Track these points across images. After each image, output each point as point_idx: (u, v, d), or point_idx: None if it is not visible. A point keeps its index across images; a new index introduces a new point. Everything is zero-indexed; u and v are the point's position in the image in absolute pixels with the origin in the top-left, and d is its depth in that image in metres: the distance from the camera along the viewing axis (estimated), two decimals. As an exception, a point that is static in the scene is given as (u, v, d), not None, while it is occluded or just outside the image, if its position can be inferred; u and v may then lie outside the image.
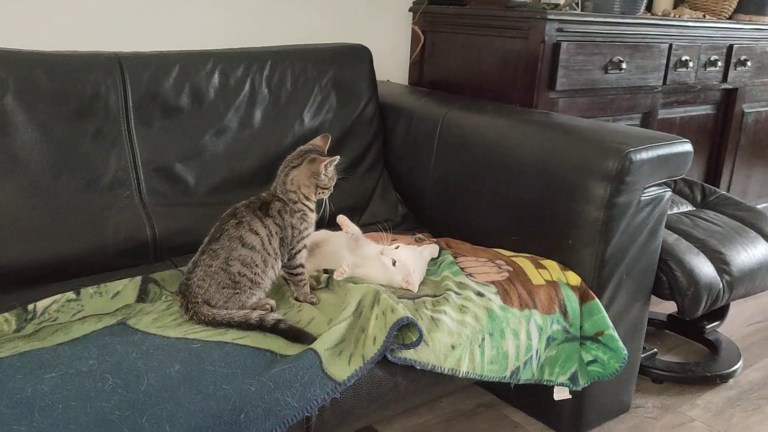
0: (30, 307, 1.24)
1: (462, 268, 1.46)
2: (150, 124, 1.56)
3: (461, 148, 1.74)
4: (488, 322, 1.29)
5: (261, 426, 0.98)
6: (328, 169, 1.33)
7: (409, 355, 1.16)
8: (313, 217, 1.36)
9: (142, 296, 1.33)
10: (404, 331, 1.18)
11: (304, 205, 1.33)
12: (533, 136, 1.59)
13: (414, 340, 1.17)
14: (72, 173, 1.45)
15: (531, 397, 1.70)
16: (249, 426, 0.97)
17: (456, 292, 1.34)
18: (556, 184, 1.50)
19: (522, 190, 1.58)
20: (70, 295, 1.28)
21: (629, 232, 1.48)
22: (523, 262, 1.49)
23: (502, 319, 1.31)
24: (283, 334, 1.15)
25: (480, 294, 1.35)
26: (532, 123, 1.64)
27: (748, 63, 2.52)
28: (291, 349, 1.13)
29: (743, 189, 2.81)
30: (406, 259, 1.39)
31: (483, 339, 1.27)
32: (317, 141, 1.41)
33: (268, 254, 1.26)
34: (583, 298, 1.46)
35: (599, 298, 1.47)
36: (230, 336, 1.14)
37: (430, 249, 1.52)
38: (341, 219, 1.48)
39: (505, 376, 1.31)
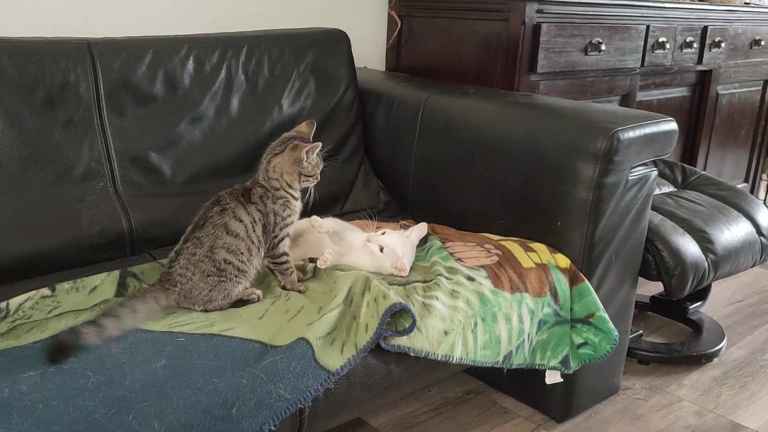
0: (2, 304, 1.18)
1: (451, 253, 1.43)
2: (123, 112, 1.50)
3: (444, 133, 1.71)
4: (480, 306, 1.27)
5: (253, 419, 0.94)
6: (311, 156, 1.29)
7: (402, 342, 1.14)
8: (297, 205, 1.32)
9: (121, 290, 1.28)
10: (397, 318, 1.15)
11: (287, 192, 1.29)
12: (519, 118, 1.56)
13: (407, 326, 1.14)
14: (42, 165, 1.39)
15: (520, 382, 1.69)
16: (241, 420, 0.93)
17: (447, 277, 1.32)
18: (543, 165, 1.48)
19: (509, 173, 1.56)
20: (45, 291, 1.22)
21: (617, 213, 1.47)
22: (512, 245, 1.46)
23: (494, 303, 1.29)
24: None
25: (471, 278, 1.32)
26: (517, 105, 1.61)
27: (722, 45, 2.54)
28: (280, 339, 1.09)
29: (718, 170, 2.84)
30: (393, 244, 1.36)
31: (476, 324, 1.25)
32: (302, 128, 1.37)
33: (252, 242, 1.22)
34: (573, 281, 1.45)
35: (589, 280, 1.45)
36: (217, 328, 1.09)
37: (418, 230, 1.48)
38: (313, 220, 1.38)
39: (498, 362, 1.29)
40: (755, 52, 2.75)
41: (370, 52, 2.24)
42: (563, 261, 1.45)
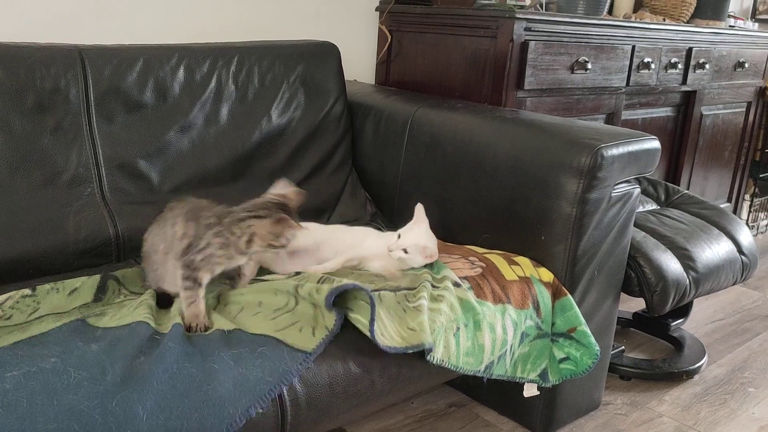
0: (-17, 305, 1.18)
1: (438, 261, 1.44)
2: (112, 119, 1.51)
3: (432, 146, 1.73)
4: (462, 312, 1.28)
5: (237, 403, 0.97)
6: (291, 237, 1.22)
7: (396, 343, 1.14)
8: (239, 260, 1.22)
9: (100, 295, 1.28)
10: (360, 311, 1.16)
11: (238, 247, 1.20)
12: (505, 133, 1.59)
13: (370, 315, 1.14)
14: (30, 169, 1.39)
15: (502, 395, 1.70)
16: (224, 403, 0.97)
17: (433, 285, 1.33)
18: (528, 180, 1.50)
19: (494, 187, 1.57)
20: (26, 291, 1.21)
21: (601, 228, 1.49)
22: (496, 258, 1.48)
23: (478, 310, 1.30)
24: None
25: (457, 285, 1.33)
26: (504, 120, 1.63)
27: (707, 66, 2.59)
28: (230, 324, 1.12)
29: (701, 189, 2.88)
30: (413, 240, 1.39)
31: (458, 329, 1.25)
32: (291, 194, 1.28)
33: (171, 251, 1.20)
34: (556, 295, 1.46)
35: (571, 295, 1.47)
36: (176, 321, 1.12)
37: (419, 211, 1.47)
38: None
39: (479, 370, 1.30)
40: (739, 74, 2.80)
41: (359, 65, 2.27)
42: (546, 275, 1.47)
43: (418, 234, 1.41)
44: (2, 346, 1.05)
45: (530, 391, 1.48)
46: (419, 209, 1.47)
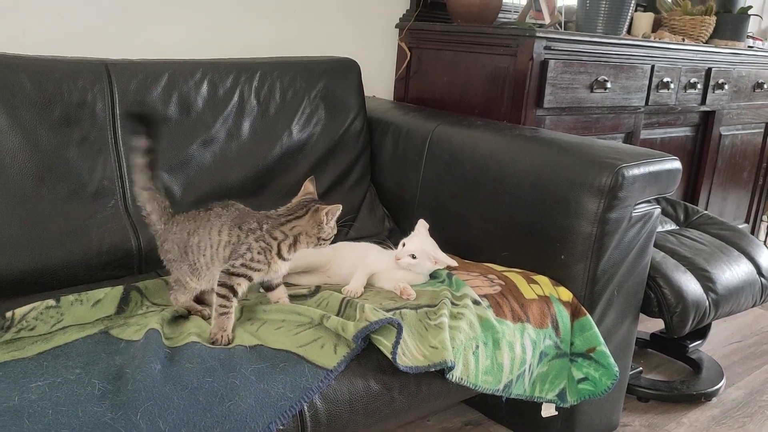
0: (8, 314, 1.19)
1: (455, 279, 1.44)
2: (137, 132, 1.53)
3: (451, 163, 1.73)
4: (482, 330, 1.27)
5: (258, 418, 0.97)
6: (331, 220, 1.25)
7: (418, 362, 1.14)
8: (279, 266, 1.24)
9: (122, 306, 1.29)
10: (384, 334, 1.16)
11: (279, 251, 1.23)
12: (525, 151, 1.59)
13: (394, 339, 1.14)
14: (55, 181, 1.41)
15: (518, 414, 1.69)
16: (245, 418, 0.97)
17: (453, 302, 1.33)
18: (548, 199, 1.50)
19: (514, 205, 1.58)
20: (50, 302, 1.23)
21: (620, 249, 1.49)
22: (515, 277, 1.48)
23: (497, 329, 1.29)
24: None
25: (476, 302, 1.33)
26: (524, 138, 1.64)
27: (726, 86, 2.58)
28: (252, 339, 1.11)
29: (720, 210, 2.86)
30: (419, 246, 1.42)
31: (477, 347, 1.25)
32: (308, 187, 1.32)
33: (216, 256, 1.22)
34: (575, 314, 1.46)
35: (590, 314, 1.46)
36: (196, 338, 1.12)
37: (420, 225, 1.50)
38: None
39: (498, 390, 1.29)
40: (758, 95, 2.80)
41: (379, 81, 2.28)
42: (566, 294, 1.46)
43: (422, 240, 1.43)
44: (27, 356, 1.06)
45: (548, 411, 1.47)
46: (421, 224, 1.50)
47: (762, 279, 1.89)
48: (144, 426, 0.91)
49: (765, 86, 2.80)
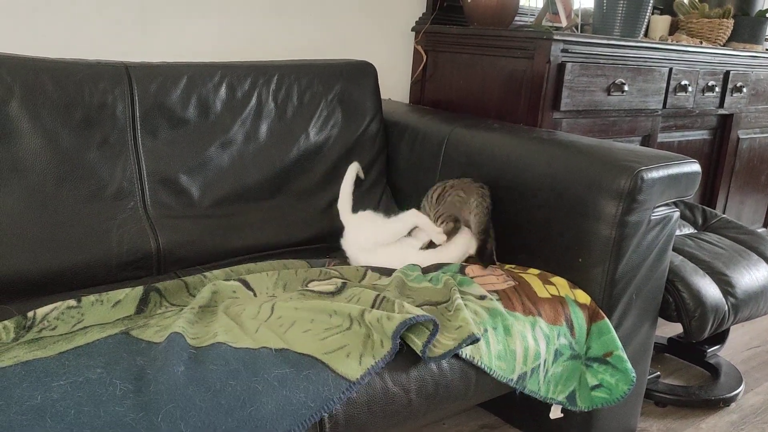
0: (30, 314, 1.20)
1: (466, 275, 1.44)
2: (156, 134, 1.54)
3: (467, 166, 1.73)
4: (490, 317, 1.27)
5: (278, 425, 0.97)
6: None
7: (448, 347, 1.15)
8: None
9: (142, 307, 1.30)
10: (417, 333, 1.16)
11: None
12: (542, 154, 1.58)
13: (426, 338, 1.14)
14: (76, 183, 1.42)
15: (535, 418, 1.68)
16: (265, 423, 0.96)
17: (460, 292, 1.33)
18: (566, 202, 1.50)
19: (531, 208, 1.57)
20: (71, 302, 1.24)
21: (639, 252, 1.48)
22: (531, 277, 1.47)
23: (506, 317, 1.29)
24: None
25: (482, 297, 1.33)
26: (541, 141, 1.63)
27: (744, 89, 2.56)
28: (283, 345, 1.11)
29: (737, 213, 2.84)
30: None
31: (486, 330, 1.25)
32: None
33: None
34: (593, 318, 1.45)
35: (609, 318, 1.45)
36: (221, 338, 1.12)
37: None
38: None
39: (512, 379, 1.27)
40: (776, 98, 2.77)
41: (395, 84, 2.29)
42: (583, 297, 1.45)
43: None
44: (49, 355, 1.07)
45: (555, 413, 1.46)
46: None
47: (782, 283, 1.87)
48: (165, 428, 0.91)
49: (784, 89, 2.77)
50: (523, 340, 1.29)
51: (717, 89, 2.45)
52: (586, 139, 1.67)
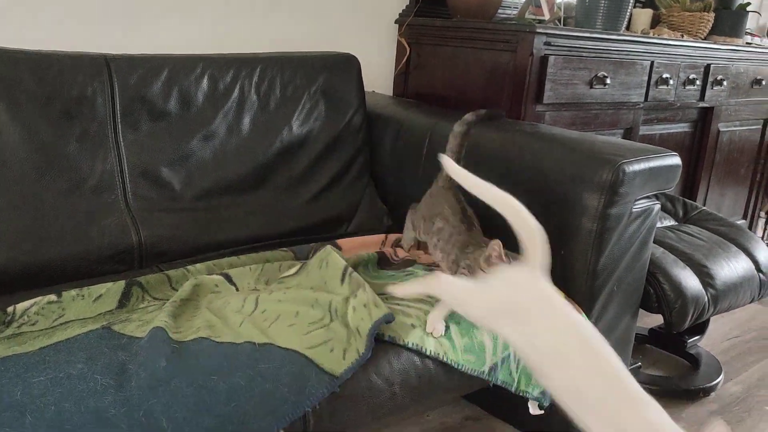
0: (9, 309, 1.19)
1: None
2: (137, 127, 1.53)
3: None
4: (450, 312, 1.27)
5: (261, 421, 0.97)
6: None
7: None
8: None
9: (124, 301, 1.29)
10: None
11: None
12: (525, 146, 1.59)
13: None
14: (56, 176, 1.40)
15: (518, 410, 1.69)
16: (248, 420, 0.96)
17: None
18: (548, 194, 1.50)
19: (513, 201, 1.57)
20: (52, 297, 1.23)
21: (621, 244, 1.49)
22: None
23: None
24: None
25: None
26: (524, 134, 1.64)
27: (724, 83, 2.58)
28: (266, 340, 1.11)
29: (718, 206, 2.87)
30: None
31: (447, 327, 1.24)
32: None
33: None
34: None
35: (590, 310, 1.47)
36: (204, 333, 1.12)
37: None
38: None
39: (483, 371, 1.27)
40: (756, 91, 2.80)
41: (378, 77, 2.28)
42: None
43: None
44: (28, 351, 1.06)
45: (534, 408, 1.47)
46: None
47: (760, 275, 1.90)
48: (146, 423, 0.91)
49: (763, 83, 2.80)
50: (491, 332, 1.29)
51: (698, 82, 2.47)
52: (569, 132, 1.68)
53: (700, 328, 2.15)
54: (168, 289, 1.33)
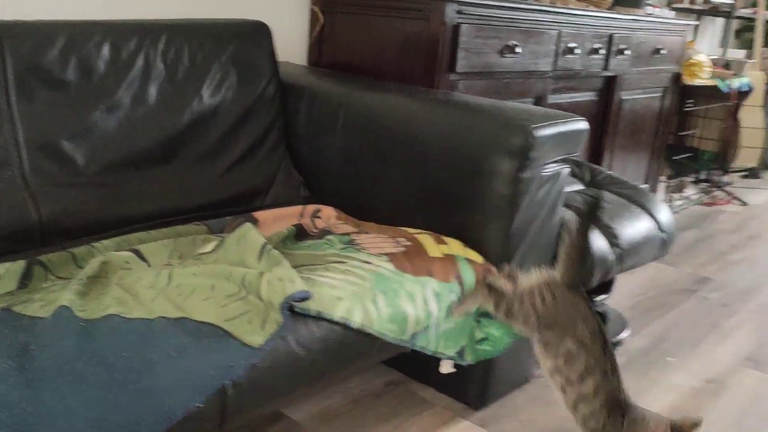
0: None
1: (356, 246, 1.44)
2: (33, 98, 1.43)
3: (367, 128, 1.73)
4: (377, 281, 1.28)
5: (177, 395, 0.94)
6: None
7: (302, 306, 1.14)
8: None
9: (25, 281, 1.22)
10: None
11: None
12: (439, 115, 1.60)
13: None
14: (-57, 151, 1.30)
15: (439, 373, 1.73)
16: (162, 395, 0.93)
17: (340, 262, 1.33)
18: (462, 161, 1.53)
19: (428, 169, 1.59)
20: (-52, 281, 1.15)
21: (533, 207, 1.53)
22: (425, 238, 1.49)
23: (393, 280, 1.30)
24: None
25: (367, 262, 1.34)
26: (438, 102, 1.65)
27: (626, 52, 2.69)
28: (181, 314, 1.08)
29: (622, 171, 3.00)
30: None
31: (375, 296, 1.25)
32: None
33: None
34: (485, 275, 1.48)
35: (505, 272, 1.50)
36: (114, 310, 1.08)
37: None
38: None
39: (405, 339, 1.29)
40: (656, 60, 2.93)
41: (292, 46, 2.24)
42: (475, 256, 1.48)
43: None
44: None
45: (446, 368, 1.51)
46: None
47: (662, 234, 2.01)
48: (54, 404, 0.87)
49: (662, 52, 2.94)
50: (412, 301, 1.31)
51: (602, 52, 2.55)
52: (481, 99, 1.71)
53: (607, 287, 2.26)
54: (73, 268, 1.27)
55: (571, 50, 2.37)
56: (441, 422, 1.63)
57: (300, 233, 1.54)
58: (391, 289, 1.28)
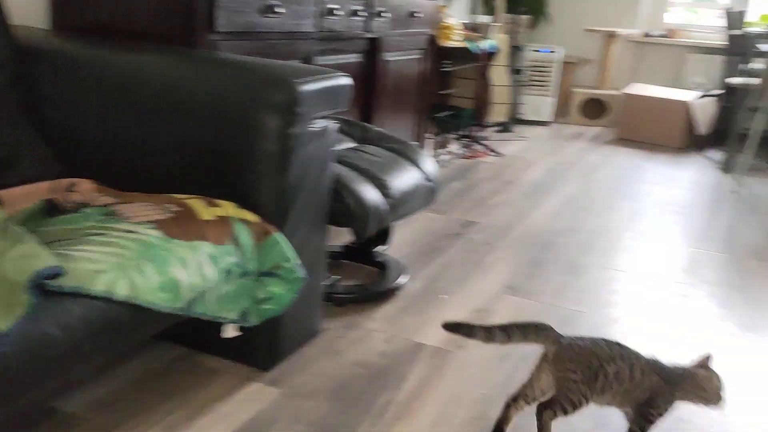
0: None
1: (117, 215, 1.35)
2: None
3: (124, 94, 1.61)
4: (142, 250, 1.21)
5: None
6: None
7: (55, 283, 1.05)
8: None
9: None
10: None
11: None
12: (201, 74, 1.54)
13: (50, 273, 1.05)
14: None
15: (225, 341, 1.69)
16: None
17: (98, 234, 1.24)
18: (229, 120, 1.49)
19: (195, 131, 1.53)
20: None
21: (304, 164, 1.55)
22: (195, 202, 1.43)
23: (162, 247, 1.24)
24: None
25: (130, 231, 1.27)
26: (199, 61, 1.59)
27: (385, 14, 2.80)
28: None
29: (391, 130, 3.14)
30: None
31: (141, 265, 1.19)
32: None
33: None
34: (262, 234, 1.47)
35: (282, 229, 1.50)
36: None
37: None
38: None
39: (181, 307, 1.24)
40: (413, 23, 3.09)
41: (28, 8, 1.99)
42: (250, 216, 1.46)
43: None
44: None
45: (229, 332, 1.48)
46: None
47: (429, 183, 2.15)
48: None
49: (417, 15, 3.10)
50: (184, 266, 1.26)
51: (362, 14, 2.63)
52: (244, 58, 1.68)
53: (384, 238, 2.37)
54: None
55: (331, 11, 2.41)
56: (229, 388, 1.60)
57: (52, 209, 1.40)
58: (159, 256, 1.21)
